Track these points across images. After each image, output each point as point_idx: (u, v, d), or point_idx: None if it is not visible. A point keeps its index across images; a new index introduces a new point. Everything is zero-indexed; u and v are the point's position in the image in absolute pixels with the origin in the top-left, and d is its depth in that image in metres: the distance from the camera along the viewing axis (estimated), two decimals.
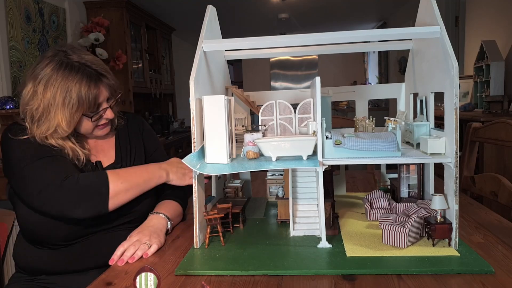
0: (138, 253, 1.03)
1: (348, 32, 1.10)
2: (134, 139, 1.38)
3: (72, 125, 1.17)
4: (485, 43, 3.19)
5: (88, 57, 1.21)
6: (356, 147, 1.01)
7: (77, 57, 1.18)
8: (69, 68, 1.15)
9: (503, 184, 1.51)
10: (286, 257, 0.97)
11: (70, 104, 1.14)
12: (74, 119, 1.16)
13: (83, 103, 1.15)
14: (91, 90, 1.16)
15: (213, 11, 1.27)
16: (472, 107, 3.34)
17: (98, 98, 1.19)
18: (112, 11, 4.04)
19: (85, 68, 1.17)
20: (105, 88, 1.21)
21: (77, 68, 1.15)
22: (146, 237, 1.08)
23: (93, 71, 1.18)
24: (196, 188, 1.05)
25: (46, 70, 1.15)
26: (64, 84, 1.13)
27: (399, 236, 0.99)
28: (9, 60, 2.95)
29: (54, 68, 1.14)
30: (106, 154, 1.32)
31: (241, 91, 1.35)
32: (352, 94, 1.49)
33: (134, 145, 1.37)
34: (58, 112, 1.14)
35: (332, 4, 5.32)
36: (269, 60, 8.48)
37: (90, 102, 1.16)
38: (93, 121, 1.21)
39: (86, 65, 1.18)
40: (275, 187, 1.44)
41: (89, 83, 1.16)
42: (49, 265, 1.20)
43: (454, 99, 0.96)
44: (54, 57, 1.16)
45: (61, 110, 1.14)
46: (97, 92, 1.18)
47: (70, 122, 1.16)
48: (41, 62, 1.17)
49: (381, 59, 7.10)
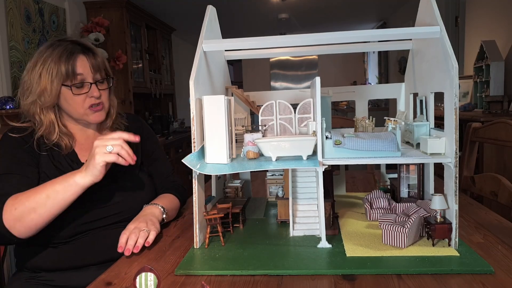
0: (140, 241, 1.06)
1: (348, 32, 1.10)
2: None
3: (54, 94, 1.19)
4: (485, 43, 3.20)
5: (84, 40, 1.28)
6: (356, 147, 1.01)
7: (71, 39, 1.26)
8: (57, 44, 1.23)
9: (503, 184, 1.51)
10: (286, 257, 0.97)
11: (49, 71, 1.19)
12: (54, 87, 1.19)
13: (61, 69, 1.19)
14: (70, 58, 1.20)
15: (213, 11, 1.27)
16: (472, 107, 3.34)
17: (75, 67, 1.20)
18: (112, 11, 4.04)
19: (70, 44, 1.23)
20: (87, 61, 1.23)
21: (64, 45, 1.22)
22: (143, 224, 1.12)
23: (78, 46, 1.23)
24: (196, 188, 1.05)
25: (39, 49, 1.24)
26: (48, 57, 1.20)
27: (399, 236, 0.99)
28: (9, 60, 2.95)
29: (45, 46, 1.23)
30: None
31: (241, 91, 1.35)
32: (352, 94, 1.49)
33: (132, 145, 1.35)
34: (40, 80, 1.19)
35: (332, 4, 5.32)
36: (269, 60, 8.48)
37: (67, 68, 1.19)
38: (74, 93, 1.21)
39: (74, 41, 1.25)
40: (275, 187, 1.44)
41: (69, 51, 1.21)
42: (50, 263, 1.20)
43: (454, 99, 0.96)
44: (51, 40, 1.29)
45: (43, 78, 1.19)
46: (74, 60, 1.21)
47: (51, 91, 1.19)
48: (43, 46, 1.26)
49: (381, 59, 7.10)
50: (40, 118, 1.22)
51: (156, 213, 1.21)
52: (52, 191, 1.08)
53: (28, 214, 1.07)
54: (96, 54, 1.27)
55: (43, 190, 1.09)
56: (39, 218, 1.08)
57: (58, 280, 1.21)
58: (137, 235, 1.07)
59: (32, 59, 1.24)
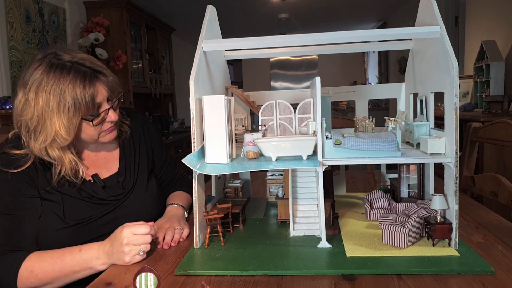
0: (177, 237, 1.12)
1: (348, 32, 1.10)
2: (139, 146, 1.33)
3: (72, 132, 1.07)
4: (485, 43, 3.19)
5: (81, 55, 1.11)
6: (356, 147, 1.01)
7: (69, 57, 1.08)
8: (60, 68, 1.05)
9: (503, 184, 1.51)
10: (286, 257, 0.97)
11: (65, 108, 1.04)
12: (73, 125, 1.06)
13: (80, 105, 1.05)
14: (87, 90, 1.05)
15: (213, 11, 1.27)
16: (472, 107, 3.34)
17: (95, 97, 1.08)
18: (112, 11, 4.04)
19: (78, 67, 1.07)
20: (103, 85, 1.10)
21: (69, 67, 1.06)
22: (176, 223, 1.18)
23: (87, 69, 1.08)
24: (196, 188, 1.05)
25: (35, 75, 1.05)
26: (57, 87, 1.04)
27: (399, 236, 0.99)
28: (9, 60, 2.96)
29: (44, 71, 1.05)
30: (109, 166, 1.26)
31: (241, 91, 1.35)
32: (352, 94, 1.49)
33: (139, 151, 1.32)
34: (54, 118, 1.04)
35: (332, 4, 5.32)
36: (269, 60, 8.49)
37: (87, 103, 1.06)
38: (95, 125, 1.11)
39: (79, 63, 1.08)
40: (275, 187, 1.44)
41: (83, 82, 1.05)
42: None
43: (454, 99, 0.96)
44: (43, 60, 1.07)
45: (57, 116, 1.04)
46: (94, 91, 1.07)
47: (69, 129, 1.06)
48: (30, 67, 1.08)
49: (381, 59, 7.10)
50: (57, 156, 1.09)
51: (182, 214, 1.28)
52: (71, 272, 1.02)
53: (43, 286, 1.04)
54: (106, 74, 1.13)
55: (61, 268, 1.02)
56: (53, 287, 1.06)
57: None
58: (173, 232, 1.13)
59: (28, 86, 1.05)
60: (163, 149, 1.44)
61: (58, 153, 1.10)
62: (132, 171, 1.28)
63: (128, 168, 1.27)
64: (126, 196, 1.23)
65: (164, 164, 1.43)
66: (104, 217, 1.18)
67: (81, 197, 1.15)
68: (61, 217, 1.12)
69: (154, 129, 1.42)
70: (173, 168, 1.47)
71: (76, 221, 1.13)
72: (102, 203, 1.19)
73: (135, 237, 0.99)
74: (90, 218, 1.16)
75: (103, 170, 1.24)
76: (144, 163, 1.32)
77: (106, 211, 1.19)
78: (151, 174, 1.35)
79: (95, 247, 1.03)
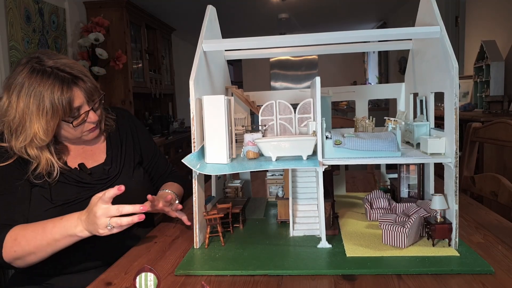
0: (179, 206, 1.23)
1: (348, 32, 1.10)
2: (125, 139, 1.37)
3: (50, 133, 1.13)
4: (485, 43, 3.19)
5: (64, 60, 1.16)
6: (356, 147, 1.01)
7: (52, 62, 1.13)
8: (41, 73, 1.11)
9: (503, 184, 1.51)
10: (286, 257, 0.97)
11: (44, 111, 1.10)
12: (51, 127, 1.12)
13: (58, 109, 1.10)
14: (64, 95, 1.11)
15: (213, 11, 1.27)
16: (472, 107, 3.34)
17: (72, 102, 1.13)
18: (112, 11, 4.04)
19: (58, 72, 1.12)
20: (81, 91, 1.15)
21: (49, 73, 1.11)
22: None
23: (66, 75, 1.13)
24: (196, 188, 1.05)
25: (18, 79, 1.11)
26: (37, 91, 1.09)
27: (399, 236, 0.99)
28: (9, 60, 2.95)
29: (26, 76, 1.11)
30: (96, 157, 1.31)
31: (241, 91, 1.35)
32: (352, 94, 1.49)
33: (126, 146, 1.37)
34: (33, 121, 1.10)
35: (332, 4, 5.31)
36: (269, 60, 8.48)
37: (64, 107, 1.11)
38: (75, 126, 1.16)
39: (60, 69, 1.13)
40: (275, 187, 1.44)
41: (61, 87, 1.11)
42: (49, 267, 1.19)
43: (454, 99, 0.96)
44: (26, 64, 1.13)
45: (36, 119, 1.10)
46: (71, 95, 1.12)
47: (47, 130, 1.12)
48: (15, 71, 1.13)
49: (381, 59, 7.09)
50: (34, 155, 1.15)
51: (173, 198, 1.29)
52: (52, 239, 1.06)
53: (27, 256, 1.08)
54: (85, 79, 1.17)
55: (43, 236, 1.06)
56: (38, 258, 1.09)
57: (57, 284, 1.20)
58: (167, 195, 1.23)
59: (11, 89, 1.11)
60: (151, 143, 1.48)
61: (36, 152, 1.15)
62: (119, 160, 1.32)
63: (115, 158, 1.32)
64: (112, 181, 1.27)
65: (153, 157, 1.46)
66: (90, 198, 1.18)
67: (68, 182, 1.21)
68: (48, 199, 1.17)
69: (141, 124, 1.48)
70: (164, 163, 1.51)
71: (63, 201, 1.18)
72: (88, 186, 1.23)
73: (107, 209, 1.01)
74: (77, 199, 1.20)
75: (90, 161, 1.29)
76: (130, 154, 1.37)
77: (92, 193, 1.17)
78: (139, 165, 1.39)
79: (75, 216, 1.07)
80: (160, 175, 1.48)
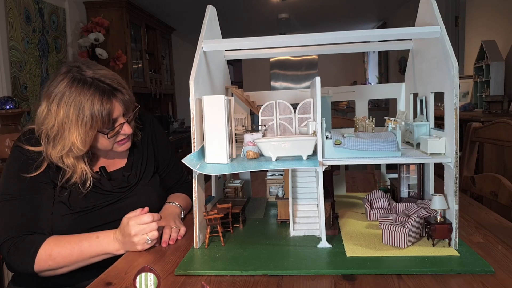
0: (174, 235, 1.13)
1: (348, 32, 1.10)
2: (147, 146, 1.38)
3: (87, 144, 1.15)
4: (485, 43, 3.19)
5: (103, 71, 1.17)
6: (356, 147, 1.01)
7: (91, 72, 1.15)
8: (82, 83, 1.12)
9: (503, 184, 1.51)
10: (286, 257, 0.97)
11: (83, 122, 1.11)
12: (88, 137, 1.13)
13: (97, 119, 1.12)
14: (104, 106, 1.12)
15: (213, 11, 1.26)
16: (472, 107, 3.34)
17: (112, 113, 1.15)
18: (112, 11, 4.04)
19: (98, 83, 1.13)
20: (119, 103, 1.17)
21: (90, 83, 1.12)
22: (172, 222, 1.19)
23: (106, 86, 1.14)
24: (196, 188, 1.05)
25: (59, 88, 1.12)
26: (77, 101, 1.11)
27: (399, 236, 0.99)
28: (9, 60, 2.95)
29: (67, 85, 1.12)
30: (117, 162, 1.32)
31: (241, 91, 1.35)
32: (352, 94, 1.49)
33: (147, 152, 1.38)
34: (72, 130, 1.12)
35: (332, 4, 5.32)
36: (269, 60, 8.48)
37: (103, 118, 1.13)
38: (109, 137, 1.18)
39: (99, 80, 1.14)
40: (275, 187, 1.44)
41: (101, 98, 1.12)
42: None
43: (454, 99, 0.96)
44: (67, 74, 1.14)
45: (75, 128, 1.11)
46: (111, 107, 1.14)
47: (85, 141, 1.13)
48: (55, 80, 1.15)
49: (381, 59, 7.10)
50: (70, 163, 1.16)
51: (178, 213, 1.29)
52: (88, 257, 1.10)
53: (59, 269, 1.11)
54: (123, 92, 1.19)
55: (79, 254, 1.09)
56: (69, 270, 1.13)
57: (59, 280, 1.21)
58: (170, 230, 1.14)
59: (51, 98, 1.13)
60: (169, 151, 1.47)
61: (72, 161, 1.17)
62: (139, 167, 1.34)
63: (135, 165, 1.33)
64: (130, 190, 1.29)
65: (168, 165, 1.46)
66: (107, 207, 1.24)
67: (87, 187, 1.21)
68: (66, 204, 1.18)
69: (162, 130, 1.49)
70: (178, 172, 1.49)
71: (81, 209, 1.19)
72: (106, 193, 1.25)
73: (141, 227, 1.06)
74: (94, 207, 1.21)
75: (110, 165, 1.30)
76: (151, 161, 1.38)
77: (110, 202, 1.24)
78: (156, 172, 1.41)
79: (110, 235, 1.11)
80: (173, 184, 1.47)
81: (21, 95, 3.06)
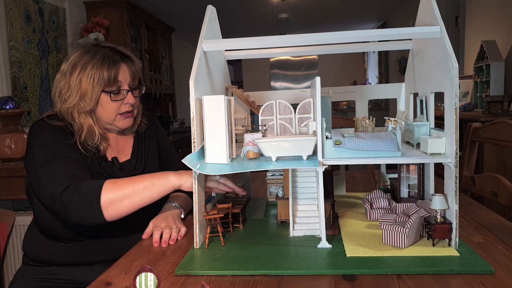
0: (174, 235, 1.14)
1: (348, 32, 1.10)
2: (149, 139, 1.45)
3: (94, 99, 1.23)
4: (485, 43, 3.20)
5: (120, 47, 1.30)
6: (356, 147, 1.01)
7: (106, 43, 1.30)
8: (95, 49, 1.25)
9: (503, 184, 1.51)
10: (286, 257, 0.97)
11: (91, 78, 1.22)
12: (95, 93, 1.22)
13: (103, 76, 1.21)
14: (111, 65, 1.23)
15: (213, 11, 1.26)
16: (472, 107, 3.34)
17: (117, 74, 1.24)
18: (112, 11, 4.04)
19: (110, 49, 1.27)
20: (127, 69, 1.27)
21: (103, 47, 1.27)
22: (172, 222, 1.20)
23: (117, 51, 1.27)
24: (196, 188, 1.05)
25: (76, 53, 1.26)
26: (89, 63, 1.22)
27: (399, 236, 0.99)
28: (9, 60, 2.95)
29: (82, 52, 1.25)
30: (124, 151, 1.38)
31: (241, 91, 1.35)
32: (352, 94, 1.49)
33: (149, 144, 1.44)
34: (81, 85, 1.22)
35: (332, 4, 5.32)
36: (269, 60, 8.47)
37: (109, 75, 1.22)
38: (113, 99, 1.25)
39: (111, 47, 1.28)
40: (275, 187, 1.44)
41: (109, 59, 1.23)
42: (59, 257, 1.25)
43: (454, 99, 0.96)
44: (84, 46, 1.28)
45: (84, 84, 1.22)
46: (117, 68, 1.24)
47: (92, 96, 1.22)
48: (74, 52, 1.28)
49: (381, 59, 7.10)
50: (79, 121, 1.25)
51: (178, 213, 1.30)
52: (150, 183, 1.14)
53: (122, 199, 1.12)
54: (134, 61, 1.31)
55: (141, 180, 1.15)
56: (131, 205, 1.14)
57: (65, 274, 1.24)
58: (170, 230, 1.15)
59: (67, 64, 1.26)
60: (169, 149, 1.53)
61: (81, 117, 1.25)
62: (142, 156, 1.40)
63: (140, 154, 1.40)
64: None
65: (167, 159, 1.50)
66: None
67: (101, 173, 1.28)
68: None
69: (163, 129, 1.56)
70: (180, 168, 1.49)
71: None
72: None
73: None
74: None
75: (121, 155, 1.37)
76: (154, 153, 1.44)
77: None
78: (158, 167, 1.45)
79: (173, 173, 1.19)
80: None
81: (21, 95, 3.06)
